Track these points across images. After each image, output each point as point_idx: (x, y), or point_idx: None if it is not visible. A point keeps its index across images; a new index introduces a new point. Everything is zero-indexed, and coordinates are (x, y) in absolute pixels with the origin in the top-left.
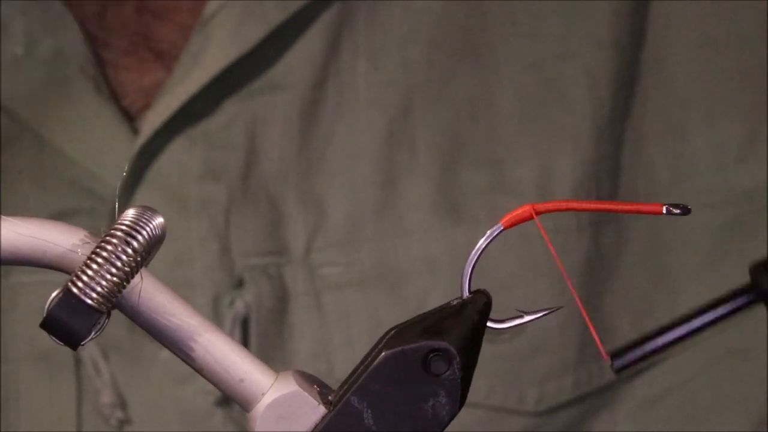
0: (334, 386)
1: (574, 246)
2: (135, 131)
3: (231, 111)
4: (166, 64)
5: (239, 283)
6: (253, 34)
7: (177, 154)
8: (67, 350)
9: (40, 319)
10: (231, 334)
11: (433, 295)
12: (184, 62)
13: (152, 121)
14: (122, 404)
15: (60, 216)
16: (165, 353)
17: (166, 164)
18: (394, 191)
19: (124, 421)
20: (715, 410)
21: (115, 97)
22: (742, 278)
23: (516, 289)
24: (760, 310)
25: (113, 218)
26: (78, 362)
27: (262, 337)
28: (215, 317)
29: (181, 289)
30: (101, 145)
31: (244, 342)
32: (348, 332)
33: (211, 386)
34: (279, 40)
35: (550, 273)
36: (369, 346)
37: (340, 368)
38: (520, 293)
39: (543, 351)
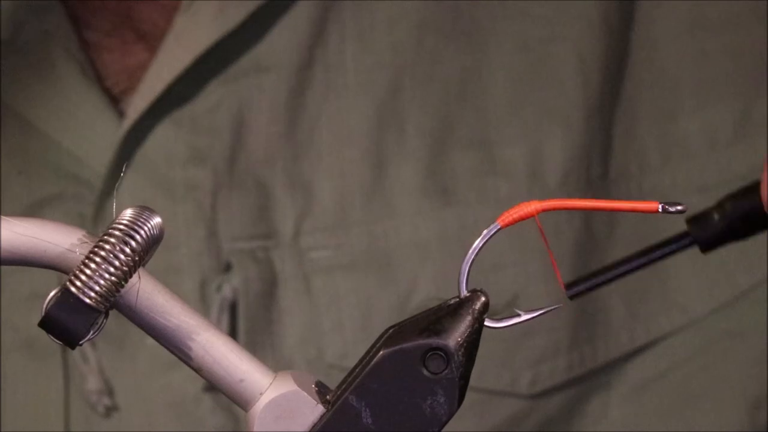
0: (325, 372)
1: (565, 228)
2: (119, 114)
3: (216, 94)
4: (149, 45)
5: (227, 268)
6: (235, 14)
7: (162, 138)
8: None
9: (24, 307)
10: (219, 319)
11: (423, 277)
12: (168, 44)
13: (137, 104)
14: (109, 391)
15: (44, 202)
16: (151, 340)
17: (152, 148)
18: (383, 174)
19: (112, 408)
20: (709, 392)
21: (97, 78)
22: (735, 259)
23: (507, 270)
24: (754, 293)
25: (100, 204)
26: (65, 349)
27: (250, 321)
28: (202, 302)
29: (168, 275)
30: (86, 128)
31: (233, 327)
32: (337, 316)
33: None
34: (264, 22)
35: (541, 253)
36: (359, 329)
37: (329, 352)
38: (511, 274)
39: (536, 333)
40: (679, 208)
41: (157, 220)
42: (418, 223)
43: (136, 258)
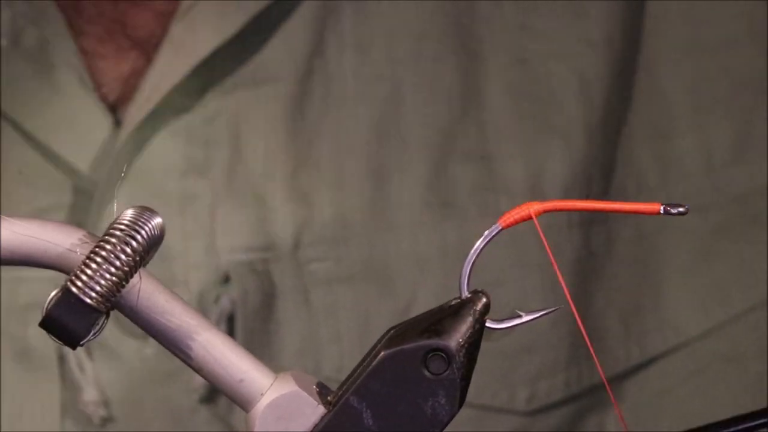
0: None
1: (565, 244)
2: (116, 123)
3: (214, 105)
4: (144, 52)
5: (225, 280)
6: (232, 23)
7: (160, 148)
8: (50, 348)
9: (21, 317)
10: None
11: (423, 290)
12: (164, 53)
13: (134, 114)
14: (105, 402)
15: (42, 211)
16: (149, 350)
17: (149, 159)
18: (383, 186)
19: (107, 419)
20: (704, 415)
21: (94, 86)
22: (729, 281)
23: (506, 285)
24: (749, 317)
25: (98, 214)
26: (61, 360)
27: (248, 333)
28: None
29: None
30: (84, 138)
31: None
32: (336, 328)
33: (195, 383)
34: (261, 32)
35: (540, 269)
36: (357, 342)
37: (327, 365)
38: (511, 290)
39: (534, 350)
40: (681, 209)
41: (158, 220)
42: (417, 236)
43: (137, 258)
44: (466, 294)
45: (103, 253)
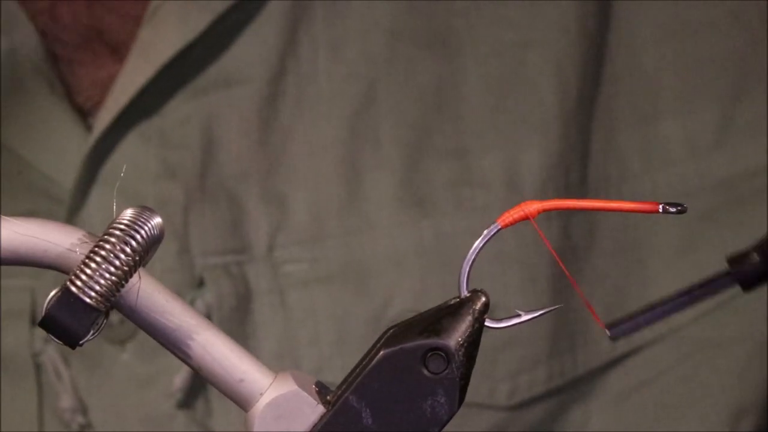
0: None
1: (545, 235)
2: (89, 129)
3: (185, 107)
4: (121, 57)
5: (200, 283)
6: (197, 23)
7: (131, 151)
8: (27, 356)
9: None
10: None
11: (399, 289)
12: (132, 56)
13: (103, 117)
14: (83, 409)
15: None
16: (126, 356)
17: (120, 162)
18: (358, 185)
19: (85, 426)
20: (691, 402)
21: (70, 93)
22: (715, 267)
23: (486, 280)
24: (735, 303)
25: (69, 220)
26: (38, 367)
27: None
28: None
29: None
30: (56, 146)
31: None
32: (314, 330)
33: (173, 389)
34: (230, 33)
35: (519, 264)
36: (336, 343)
37: (306, 366)
38: (490, 285)
39: (514, 344)
40: (679, 207)
41: (157, 220)
42: (394, 235)
43: (137, 258)
44: (465, 293)
45: (103, 252)
